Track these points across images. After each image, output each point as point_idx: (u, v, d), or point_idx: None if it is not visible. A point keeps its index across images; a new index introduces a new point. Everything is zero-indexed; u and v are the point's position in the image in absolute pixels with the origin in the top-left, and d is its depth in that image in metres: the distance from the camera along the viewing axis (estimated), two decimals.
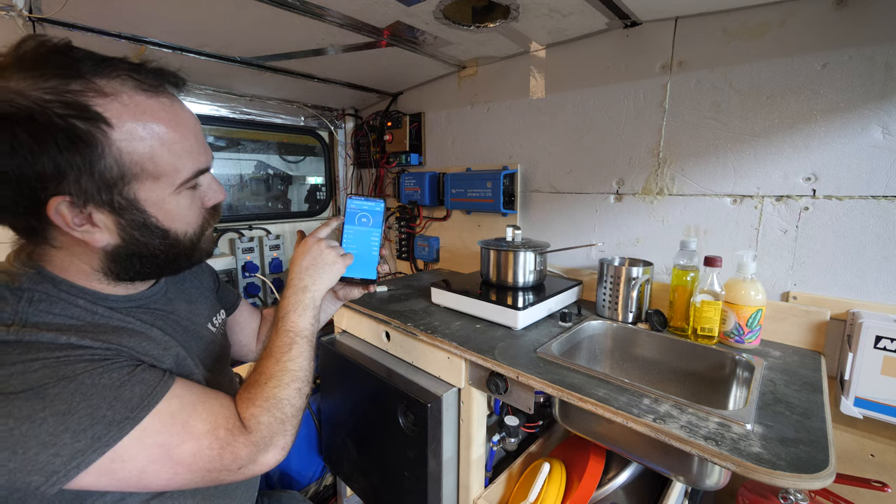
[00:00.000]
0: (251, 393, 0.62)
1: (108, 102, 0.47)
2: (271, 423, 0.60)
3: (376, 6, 1.07)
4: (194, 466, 0.53)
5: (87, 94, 0.46)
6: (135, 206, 0.52)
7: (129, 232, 0.53)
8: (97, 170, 0.47)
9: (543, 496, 0.91)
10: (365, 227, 0.81)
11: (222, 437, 0.55)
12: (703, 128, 1.11)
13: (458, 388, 1.00)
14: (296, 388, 0.64)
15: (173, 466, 0.51)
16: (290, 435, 0.62)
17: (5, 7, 0.98)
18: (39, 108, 0.44)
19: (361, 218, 0.81)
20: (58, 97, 0.45)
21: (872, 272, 0.92)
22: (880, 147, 0.89)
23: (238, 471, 0.57)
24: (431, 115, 1.82)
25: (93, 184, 0.48)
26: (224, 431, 0.56)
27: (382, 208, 0.81)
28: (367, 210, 0.81)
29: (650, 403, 0.72)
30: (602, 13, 1.12)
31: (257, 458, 0.58)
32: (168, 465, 0.51)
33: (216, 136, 1.99)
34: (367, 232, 0.81)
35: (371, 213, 0.81)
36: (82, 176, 0.47)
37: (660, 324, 1.06)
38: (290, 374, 0.65)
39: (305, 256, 0.73)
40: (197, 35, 1.25)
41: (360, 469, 1.22)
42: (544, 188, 1.46)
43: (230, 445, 0.56)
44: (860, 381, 0.85)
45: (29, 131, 0.44)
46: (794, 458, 0.59)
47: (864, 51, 0.89)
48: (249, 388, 0.63)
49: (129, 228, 0.53)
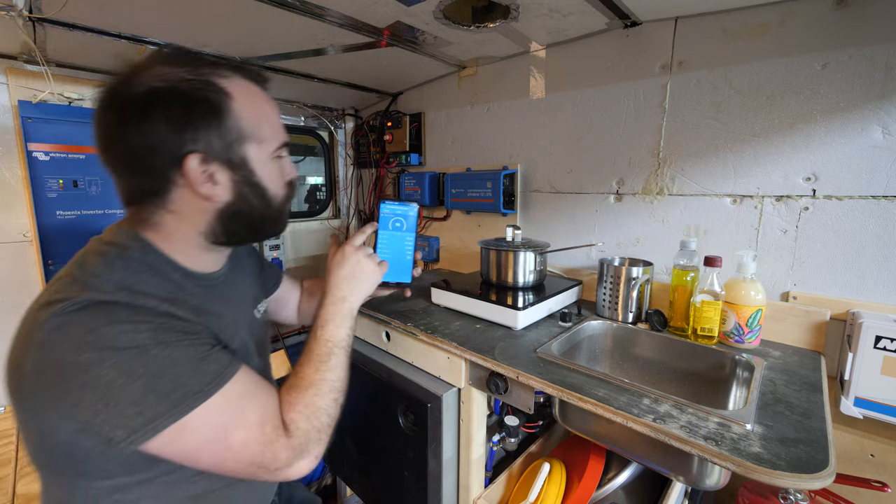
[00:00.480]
0: (292, 397, 0.63)
1: (227, 81, 0.59)
2: (309, 431, 0.60)
3: (376, 6, 1.07)
4: (240, 456, 0.55)
5: (213, 75, 0.58)
6: (245, 164, 0.61)
7: (240, 188, 0.61)
8: (223, 130, 0.58)
9: (543, 496, 0.91)
10: (399, 231, 0.81)
11: (268, 433, 0.57)
12: (703, 128, 1.11)
13: (458, 388, 1.00)
14: (333, 398, 0.65)
15: (224, 451, 0.54)
16: (324, 445, 0.63)
17: (5, 7, 0.98)
18: (185, 83, 0.55)
19: (395, 222, 0.81)
20: (195, 76, 0.56)
21: (872, 272, 0.92)
22: (880, 147, 0.89)
23: (274, 472, 0.57)
24: (431, 115, 1.82)
25: (219, 141, 0.58)
26: (270, 428, 0.57)
27: (416, 212, 0.81)
28: (400, 214, 0.81)
29: (650, 403, 0.72)
30: (602, 13, 1.12)
31: (293, 462, 0.58)
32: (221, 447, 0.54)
33: None
34: (401, 236, 0.81)
35: (405, 218, 0.81)
36: (212, 135, 0.57)
37: (660, 324, 1.06)
38: (328, 383, 0.66)
39: (343, 266, 0.76)
40: (197, 35, 1.25)
41: (360, 469, 1.22)
42: (544, 188, 1.46)
43: (272, 444, 0.57)
44: (860, 381, 0.86)
45: (177, 101, 0.55)
46: (794, 458, 0.59)
47: (864, 51, 0.89)
48: (291, 391, 0.63)
49: (240, 184, 0.61)
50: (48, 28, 1.12)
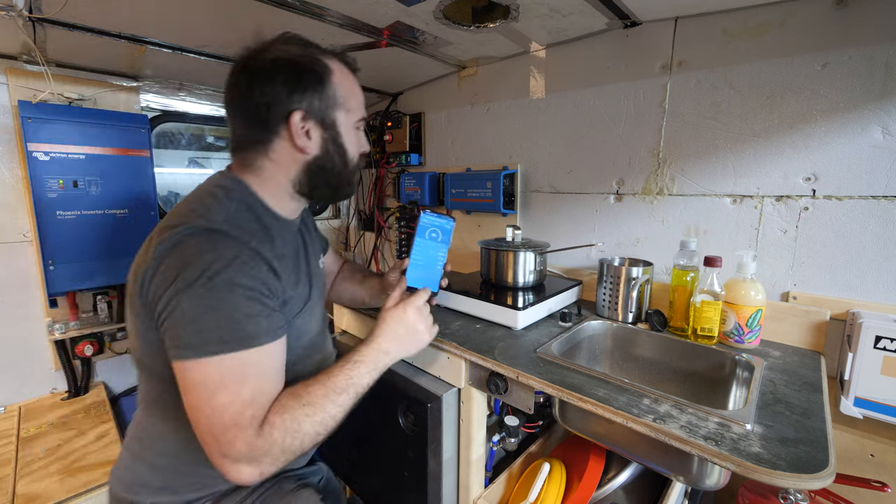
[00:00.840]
0: (288, 402, 0.63)
1: (329, 60, 0.73)
2: (274, 445, 0.59)
3: (376, 6, 1.08)
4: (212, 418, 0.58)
5: (319, 55, 0.72)
6: (335, 126, 0.74)
7: (327, 145, 0.74)
8: (323, 95, 0.71)
9: (543, 496, 0.91)
10: (434, 241, 0.85)
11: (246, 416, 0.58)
12: (703, 128, 1.11)
13: (458, 388, 1.00)
14: (317, 430, 0.64)
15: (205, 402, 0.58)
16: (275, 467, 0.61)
17: (5, 7, 0.98)
18: (299, 56, 0.70)
19: (432, 233, 0.85)
20: (305, 53, 0.71)
21: (872, 272, 0.92)
22: (880, 147, 0.89)
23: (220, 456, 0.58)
24: (431, 115, 1.82)
25: (319, 104, 0.71)
26: (250, 414, 0.58)
27: (452, 227, 0.86)
28: (438, 226, 0.86)
29: (650, 403, 0.72)
30: (602, 13, 1.12)
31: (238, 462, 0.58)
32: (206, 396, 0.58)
33: (216, 136, 1.99)
34: (435, 247, 0.85)
35: (442, 230, 0.86)
36: (315, 98, 0.70)
37: (660, 324, 1.06)
38: (324, 414, 0.65)
39: (401, 325, 0.78)
40: (197, 35, 1.25)
41: (360, 469, 1.22)
42: (544, 188, 1.46)
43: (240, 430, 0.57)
44: (860, 381, 0.86)
45: (293, 68, 0.69)
46: (794, 458, 0.59)
47: (864, 51, 0.89)
48: (291, 396, 0.64)
49: (328, 143, 0.74)
50: (48, 28, 1.12)
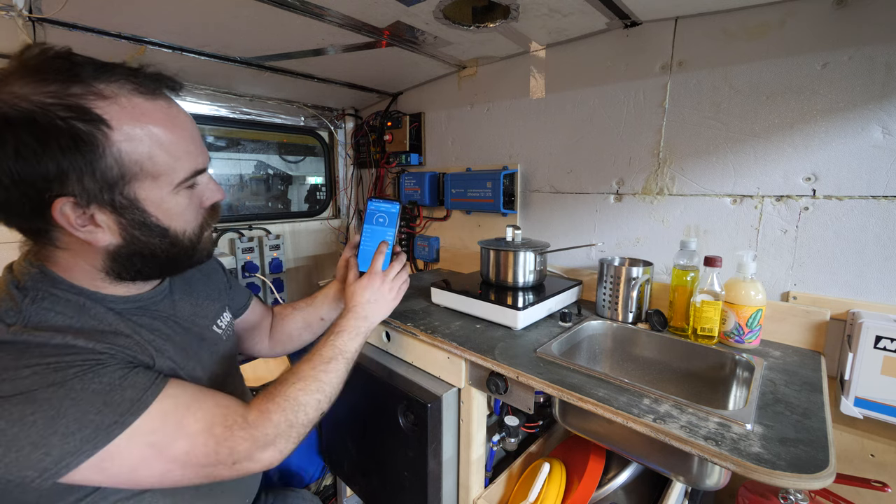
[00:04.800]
0: (276, 390, 0.63)
1: (107, 105, 0.49)
2: (279, 423, 0.60)
3: (376, 6, 1.07)
4: (188, 463, 0.54)
5: (87, 97, 0.48)
6: (135, 205, 0.53)
7: (130, 231, 0.54)
8: (99, 170, 0.49)
9: (543, 496, 0.91)
10: (381, 226, 0.90)
11: (218, 434, 0.56)
12: (703, 128, 1.11)
13: (458, 388, 1.00)
14: (317, 398, 0.65)
15: (165, 464, 0.52)
16: (293, 442, 0.62)
17: (5, 7, 0.98)
18: (42, 110, 0.45)
19: (379, 218, 0.90)
20: (59, 100, 0.46)
21: (872, 272, 0.92)
22: (880, 147, 0.89)
23: (233, 465, 0.57)
24: (431, 115, 1.82)
25: (95, 184, 0.49)
26: (221, 429, 0.56)
27: (398, 210, 0.90)
28: (383, 211, 0.90)
29: (650, 403, 0.72)
30: (602, 13, 1.12)
31: (254, 454, 0.58)
32: (160, 463, 0.52)
33: (216, 136, 1.99)
34: (382, 231, 0.90)
35: (387, 214, 0.90)
36: (84, 176, 0.48)
37: (660, 324, 1.06)
38: (318, 383, 0.66)
39: (367, 291, 0.82)
40: (197, 35, 1.25)
41: (360, 469, 1.22)
42: (544, 188, 1.46)
43: (227, 441, 0.56)
44: (860, 381, 0.85)
45: (32, 133, 0.45)
46: (794, 458, 0.59)
47: (864, 51, 0.89)
48: (277, 384, 0.64)
49: (129, 228, 0.54)
50: (48, 28, 1.12)
